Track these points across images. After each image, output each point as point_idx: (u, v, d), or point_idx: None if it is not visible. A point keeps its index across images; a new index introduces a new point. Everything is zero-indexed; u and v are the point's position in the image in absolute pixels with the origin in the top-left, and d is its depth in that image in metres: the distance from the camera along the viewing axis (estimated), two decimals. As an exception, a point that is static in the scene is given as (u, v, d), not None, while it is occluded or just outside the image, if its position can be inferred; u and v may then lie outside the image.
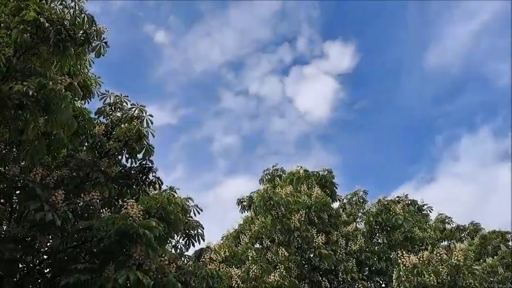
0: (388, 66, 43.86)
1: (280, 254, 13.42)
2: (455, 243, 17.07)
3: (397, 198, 16.98)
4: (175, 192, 9.12)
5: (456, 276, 10.49)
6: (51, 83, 6.73)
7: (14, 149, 8.10)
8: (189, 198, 10.00)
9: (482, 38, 42.12)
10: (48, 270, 8.39)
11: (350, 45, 45.27)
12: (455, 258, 10.67)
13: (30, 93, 6.46)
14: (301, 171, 17.09)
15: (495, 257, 18.61)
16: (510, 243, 19.85)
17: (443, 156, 44.36)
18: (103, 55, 8.07)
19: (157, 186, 9.96)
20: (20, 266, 8.21)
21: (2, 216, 8.17)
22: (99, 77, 10.04)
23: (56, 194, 7.51)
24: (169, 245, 9.91)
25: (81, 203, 8.13)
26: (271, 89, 46.38)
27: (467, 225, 21.52)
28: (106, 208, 8.76)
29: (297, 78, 46.12)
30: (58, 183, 8.10)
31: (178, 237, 9.94)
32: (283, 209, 14.54)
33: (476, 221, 21.52)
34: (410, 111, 44.37)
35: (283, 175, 17.81)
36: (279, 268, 12.57)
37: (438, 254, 11.22)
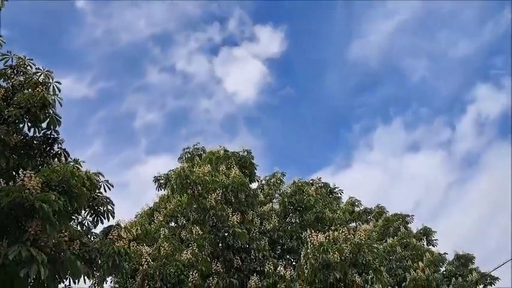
0: (314, 56, 45.26)
1: (194, 233, 13.37)
2: (361, 224, 18.23)
3: (311, 181, 17.73)
4: (80, 165, 8.63)
5: (357, 254, 11.22)
6: None
7: None
8: (99, 173, 9.55)
9: (399, 36, 44.96)
10: None
11: (280, 31, 45.86)
12: (358, 237, 11.39)
13: None
14: (222, 151, 17.08)
15: (395, 237, 20.29)
16: (409, 225, 21.71)
17: (359, 144, 47.15)
18: (2, 7, 7.26)
19: (63, 158, 9.33)
20: None
21: None
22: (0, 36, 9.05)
23: None
24: (75, 221, 9.39)
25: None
26: (199, 67, 45.60)
27: (373, 208, 23.15)
28: (2, 180, 8.03)
29: (226, 59, 45.80)
30: None
31: (85, 213, 9.46)
32: (200, 187, 14.45)
33: (381, 204, 23.24)
34: (331, 100, 46.37)
35: (204, 154, 17.68)
36: (192, 246, 12.55)
37: (343, 234, 11.91)
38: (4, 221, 6.91)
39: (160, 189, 16.89)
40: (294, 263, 15.49)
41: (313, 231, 12.29)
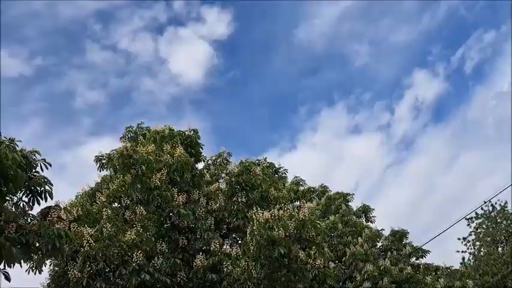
0: (260, 38, 45.24)
1: (138, 213, 13.09)
2: (305, 203, 18.75)
3: (257, 161, 17.90)
4: (16, 144, 8.13)
5: (301, 230, 11.56)
6: None
7: None
8: (36, 151, 9.07)
9: (344, 21, 46.03)
10: None
11: (227, 12, 45.23)
12: (302, 214, 11.72)
13: None
14: (167, 130, 16.71)
15: (337, 215, 21.15)
16: (350, 203, 22.68)
17: (304, 127, 48.24)
18: None
19: (-6, 137, 8.72)
20: None
21: None
22: None
23: None
24: (10, 202, 8.85)
25: None
26: (143, 47, 44.04)
27: (317, 187, 23.90)
28: None
29: (171, 39, 44.57)
30: None
31: (21, 194, 8.94)
32: (143, 167, 14.12)
33: (325, 184, 24.04)
34: (277, 83, 46.90)
35: (148, 134, 17.22)
36: (136, 226, 12.30)
37: (288, 211, 12.19)
38: None
39: (102, 170, 16.28)
40: (239, 241, 15.67)
41: (259, 209, 12.47)
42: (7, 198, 8.44)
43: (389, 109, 49.97)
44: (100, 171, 16.22)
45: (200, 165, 17.77)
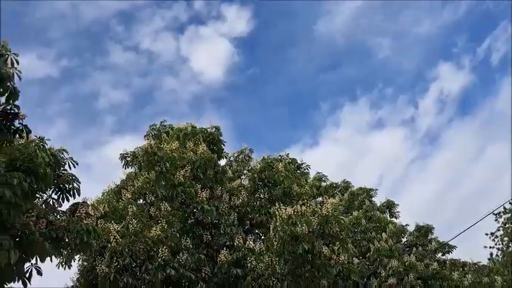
0: (280, 35, 45.07)
1: (162, 209, 13.30)
2: (328, 199, 18.69)
3: (279, 157, 17.91)
4: (45, 143, 8.34)
5: (325, 226, 11.52)
6: None
7: None
8: (63, 150, 9.28)
9: (365, 14, 45.40)
10: None
11: (246, 10, 45.21)
12: (325, 210, 11.68)
13: None
14: (189, 127, 16.90)
15: (360, 210, 20.97)
16: (373, 199, 22.45)
17: (326, 122, 47.91)
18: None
19: (24, 135, 8.99)
20: None
21: None
22: None
23: None
24: (40, 199, 9.13)
25: None
26: (164, 46, 44.53)
27: (339, 183, 23.73)
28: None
29: (192, 37, 44.89)
30: None
31: (50, 191, 9.19)
32: (167, 164, 14.33)
33: (347, 179, 23.84)
34: (299, 79, 46.67)
35: (171, 131, 17.45)
36: (161, 222, 12.51)
37: (311, 207, 12.18)
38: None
39: (127, 167, 16.61)
40: (262, 237, 15.74)
41: (281, 205, 12.50)
42: (37, 195, 8.69)
43: (413, 103, 49.12)
44: (125, 168, 16.57)
45: (222, 162, 17.93)
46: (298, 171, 19.03)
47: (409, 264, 17.42)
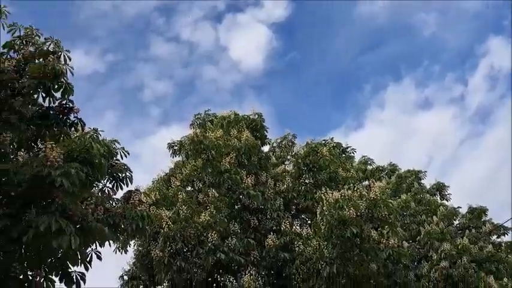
0: (319, 18, 44.16)
1: (210, 196, 13.63)
2: (375, 182, 18.42)
3: (323, 141, 17.77)
4: (99, 134, 8.70)
5: (373, 209, 11.39)
6: None
7: None
8: (115, 140, 9.64)
9: (408, -12, 43.54)
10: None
11: (283, -6, 44.63)
12: (373, 193, 11.52)
13: None
14: (232, 115, 17.11)
15: (409, 193, 20.48)
16: (422, 181, 21.84)
17: (370, 104, 46.78)
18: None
19: (79, 128, 9.45)
20: None
21: None
22: (4, 6, 8.96)
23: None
24: (96, 188, 9.60)
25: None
26: (203, 36, 44.94)
27: (386, 166, 23.24)
28: (23, 150, 8.18)
29: (230, 26, 44.99)
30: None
31: (105, 181, 9.64)
32: (213, 152, 14.61)
33: (394, 162, 23.30)
34: (339, 61, 45.67)
35: (215, 120, 17.73)
36: (209, 208, 12.83)
37: (358, 191, 12.05)
38: (30, 191, 7.09)
39: (175, 156, 17.09)
40: (309, 222, 15.78)
41: (327, 189, 12.45)
42: (94, 185, 9.15)
43: (461, 80, 46.82)
44: (173, 157, 17.05)
45: (266, 148, 18.06)
46: (343, 155, 18.79)
47: (462, 247, 16.90)
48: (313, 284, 12.36)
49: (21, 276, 8.36)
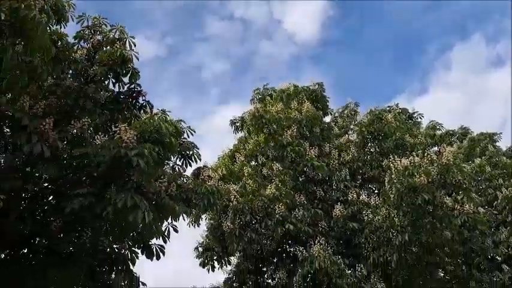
0: (376, -22, 41.90)
1: (274, 169, 13.79)
2: (445, 147, 17.61)
3: (388, 108, 17.17)
4: (167, 115, 9.07)
5: (446, 175, 10.93)
6: (23, 5, 6.35)
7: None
8: (181, 120, 10.01)
9: None
10: (51, 197, 8.57)
11: (335, -42, 42.77)
12: (445, 158, 11.03)
13: (3, 17, 6.12)
14: (291, 87, 16.97)
15: (483, 157, 19.30)
16: (497, 143, 20.46)
17: (435, 66, 44.15)
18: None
19: (148, 110, 9.92)
20: (23, 195, 8.39)
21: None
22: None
23: (44, 122, 7.35)
24: (168, 166, 10.08)
25: (73, 131, 8.10)
26: (257, 12, 44.52)
27: (456, 130, 22.01)
28: (100, 133, 8.75)
29: (283, -2, 44.03)
30: (46, 112, 7.99)
31: (174, 159, 10.08)
32: (274, 126, 14.67)
33: (465, 125, 21.99)
34: (399, 24, 43.26)
35: (274, 94, 17.71)
36: (274, 181, 13.01)
37: (428, 157, 11.59)
38: (109, 171, 7.62)
39: (238, 132, 17.39)
40: (376, 191, 15.50)
41: (395, 157, 12.10)
42: (165, 163, 9.61)
43: (538, 32, 42.52)
44: (235, 133, 17.38)
45: (327, 119, 17.81)
46: (410, 121, 18.07)
47: (544, 212, 15.75)
48: (384, 253, 12.23)
49: (108, 250, 9.13)
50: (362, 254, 13.14)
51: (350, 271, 12.88)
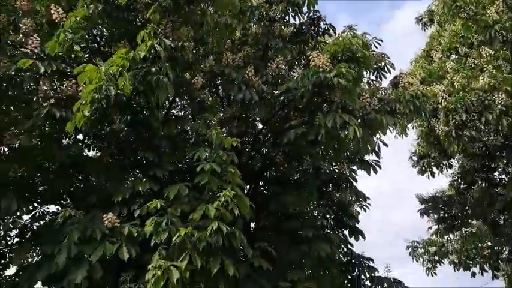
0: None
1: (484, 55, 11.99)
2: None
3: None
4: (354, 30, 8.79)
5: None
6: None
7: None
8: (366, 33, 9.58)
9: None
10: (269, 135, 9.57)
11: None
12: None
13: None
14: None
15: None
16: None
17: None
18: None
19: (331, 32, 9.87)
20: (244, 138, 9.62)
21: (215, 103, 9.55)
22: None
23: (247, 71, 8.22)
24: (363, 83, 9.93)
25: (271, 73, 8.74)
26: None
27: None
28: (295, 67, 9.20)
29: None
30: (246, 61, 8.81)
31: (367, 74, 9.83)
32: (472, 7, 12.58)
33: None
34: None
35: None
36: (487, 69, 11.40)
37: None
38: (313, 98, 8.01)
39: (426, 29, 15.68)
40: None
41: None
42: (361, 80, 9.48)
43: None
44: (424, 30, 15.72)
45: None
46: None
47: None
48: None
49: (328, 171, 9.83)
50: None
51: None
